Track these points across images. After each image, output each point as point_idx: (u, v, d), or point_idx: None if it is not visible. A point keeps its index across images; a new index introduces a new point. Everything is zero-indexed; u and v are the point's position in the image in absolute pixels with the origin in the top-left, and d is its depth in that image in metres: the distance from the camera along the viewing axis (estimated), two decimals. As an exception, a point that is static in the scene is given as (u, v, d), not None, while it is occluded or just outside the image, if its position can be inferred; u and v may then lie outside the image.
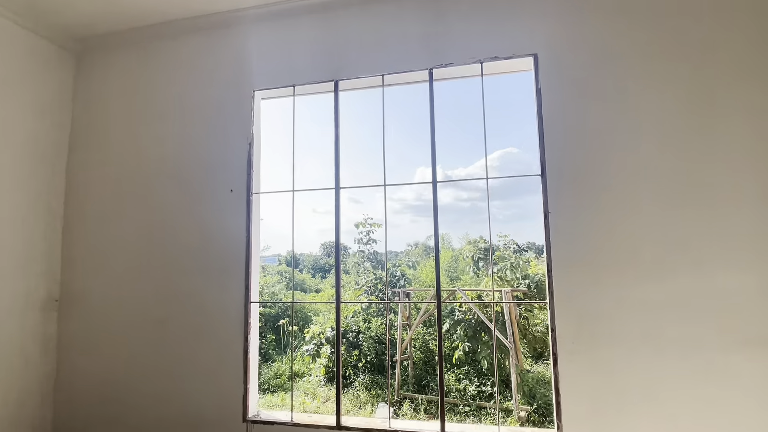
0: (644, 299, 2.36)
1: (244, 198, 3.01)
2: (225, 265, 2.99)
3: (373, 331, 7.83)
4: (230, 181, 3.06)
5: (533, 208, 40.01)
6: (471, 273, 7.66)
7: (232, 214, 3.02)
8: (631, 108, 2.49)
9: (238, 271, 2.96)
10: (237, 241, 2.99)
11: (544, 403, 6.26)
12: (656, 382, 2.30)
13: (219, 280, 2.99)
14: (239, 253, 2.98)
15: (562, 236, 2.50)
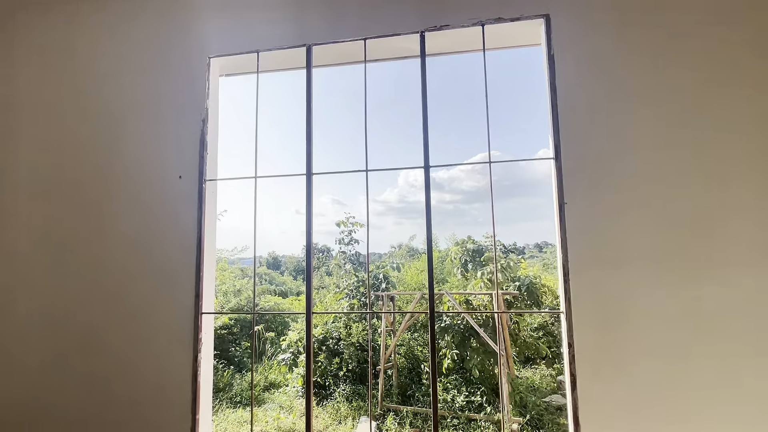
0: (683, 306, 1.95)
1: (196, 186, 2.47)
2: (170, 268, 2.45)
3: (355, 338, 7.32)
4: (179, 165, 2.52)
5: (514, 211, 39.98)
6: (459, 275, 7.26)
7: (181, 206, 2.48)
8: (661, 82, 2.08)
9: (186, 274, 2.42)
10: (186, 238, 2.45)
11: (536, 413, 5.88)
12: (698, 409, 1.89)
13: (162, 285, 2.44)
14: (189, 253, 2.44)
15: (581, 232, 2.07)
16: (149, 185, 2.53)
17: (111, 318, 2.48)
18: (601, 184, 2.07)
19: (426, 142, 2.27)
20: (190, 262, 2.43)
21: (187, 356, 2.36)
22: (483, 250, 6.98)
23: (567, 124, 2.14)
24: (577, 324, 2.03)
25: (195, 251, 2.43)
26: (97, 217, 2.57)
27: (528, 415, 5.79)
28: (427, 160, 2.26)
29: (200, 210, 2.45)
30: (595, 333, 2.00)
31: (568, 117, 2.14)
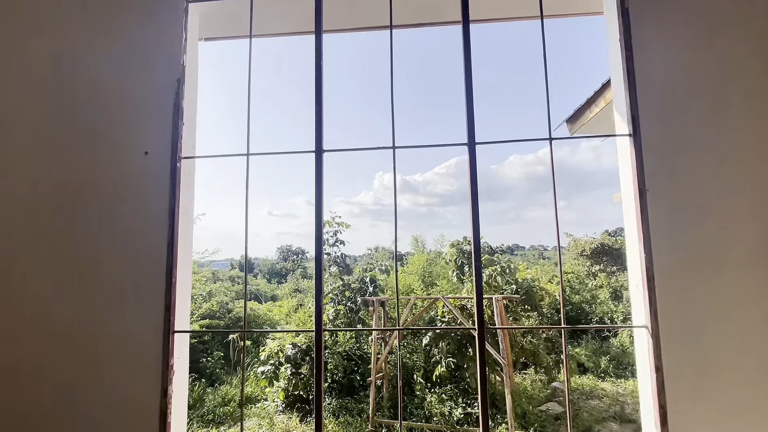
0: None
1: (167, 165, 1.89)
2: (132, 273, 1.85)
3: (342, 346, 6.76)
4: (145, 138, 1.93)
5: (484, 215, 41.36)
6: (454, 278, 6.86)
7: (148, 190, 1.90)
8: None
9: (154, 281, 1.84)
10: (153, 233, 1.87)
11: (539, 426, 5.54)
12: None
13: (122, 296, 1.85)
14: (157, 254, 1.85)
15: (669, 226, 1.66)
16: (105, 163, 1.93)
17: (49, 339, 1.86)
18: (695, 167, 1.67)
19: (471, 117, 1.80)
20: (158, 265, 1.84)
21: (153, 387, 1.77)
22: (480, 252, 6.61)
23: (646, 95, 1.73)
24: (667, 343, 1.60)
25: (166, 251, 1.85)
26: (30, 209, 1.94)
27: (531, 429, 5.43)
28: (473, 136, 1.79)
29: (173, 196, 1.87)
30: (690, 354, 1.59)
31: (647, 86, 1.73)
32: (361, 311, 7.64)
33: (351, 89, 77.79)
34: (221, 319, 10.26)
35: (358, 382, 6.59)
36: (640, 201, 1.68)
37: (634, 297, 1.77)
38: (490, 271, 6.03)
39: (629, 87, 1.74)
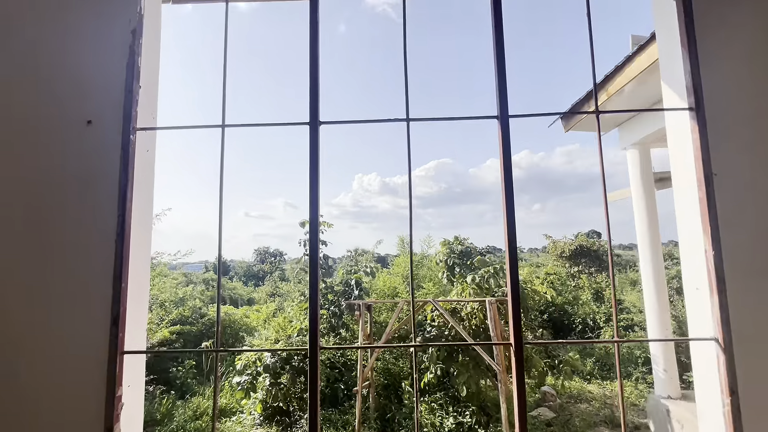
0: None
1: (117, 138, 1.48)
2: (70, 278, 1.42)
3: (324, 354, 6.33)
4: (88, 103, 1.51)
5: (464, 216, 41.94)
6: (444, 280, 6.56)
7: (91, 171, 1.47)
8: None
9: (97, 288, 1.41)
10: (98, 226, 1.44)
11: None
12: None
13: (54, 309, 1.41)
14: (102, 253, 1.43)
15: (743, 219, 1.38)
16: (33, 134, 1.49)
17: (-50, 365, 1.40)
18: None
19: (503, 88, 1.47)
20: (103, 267, 1.42)
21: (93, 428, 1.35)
22: (472, 253, 6.35)
23: (710, 60, 1.44)
24: (742, 359, 1.32)
25: (114, 248, 1.43)
26: (-70, 188, 1.47)
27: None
28: (505, 109, 1.46)
29: (124, 177, 1.45)
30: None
31: (709, 47, 1.45)
32: (345, 315, 7.23)
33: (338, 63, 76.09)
34: (194, 324, 9.62)
35: (343, 392, 6.19)
36: (707, 188, 1.39)
37: (693, 303, 1.48)
38: (483, 273, 5.78)
39: (690, 54, 1.45)
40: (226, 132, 1.54)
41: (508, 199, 1.41)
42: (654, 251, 4.68)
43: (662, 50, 1.64)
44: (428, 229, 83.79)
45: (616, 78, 4.00)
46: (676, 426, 4.23)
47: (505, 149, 1.44)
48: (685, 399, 4.42)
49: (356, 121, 1.55)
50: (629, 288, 13.70)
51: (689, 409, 4.16)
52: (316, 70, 1.51)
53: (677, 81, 1.53)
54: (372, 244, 15.57)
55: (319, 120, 1.48)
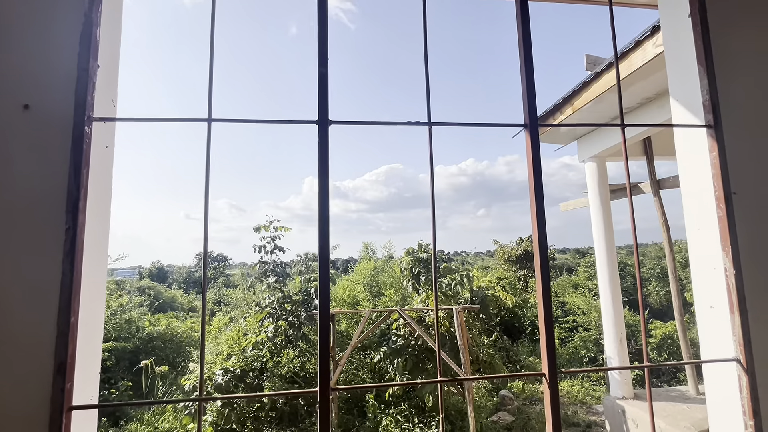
0: None
1: (68, 128, 1.15)
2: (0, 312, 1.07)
3: (285, 367, 5.93)
4: (29, 83, 1.16)
5: (413, 221, 43.81)
6: (409, 288, 6.46)
7: (29, 170, 1.13)
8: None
9: (38, 328, 1.08)
10: (37, 242, 1.11)
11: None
12: None
13: (-34, 352, 1.05)
14: (44, 278, 1.10)
15: (759, 237, 1.38)
16: (-61, 118, 1.11)
17: None
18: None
19: (532, 96, 1.36)
20: (45, 298, 1.09)
21: None
22: (439, 259, 6.30)
23: (727, 74, 1.45)
24: (764, 380, 1.31)
25: (60, 273, 1.10)
26: None
27: (492, 445, 5.20)
28: (534, 117, 1.35)
29: (75, 181, 1.13)
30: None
31: (726, 63, 1.45)
32: (305, 327, 6.87)
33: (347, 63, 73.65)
34: (128, 340, 8.62)
35: (303, 409, 5.83)
36: (726, 207, 1.38)
37: (707, 322, 1.47)
38: (449, 280, 5.76)
39: (707, 70, 1.44)
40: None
41: (539, 211, 1.29)
42: (610, 258, 4.94)
43: (672, 68, 1.64)
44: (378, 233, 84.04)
45: (582, 94, 4.16)
46: (631, 425, 4.47)
47: (535, 158, 1.33)
48: (639, 398, 4.69)
49: (369, 122, 1.36)
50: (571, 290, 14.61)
51: (643, 408, 4.41)
52: (325, 66, 1.29)
53: (689, 98, 1.53)
54: (332, 249, 15.12)
55: (329, 119, 1.27)
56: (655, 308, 15.03)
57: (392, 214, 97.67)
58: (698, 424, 3.92)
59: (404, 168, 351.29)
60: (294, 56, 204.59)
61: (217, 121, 1.24)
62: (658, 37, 2.95)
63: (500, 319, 10.86)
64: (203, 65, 8.02)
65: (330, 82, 1.30)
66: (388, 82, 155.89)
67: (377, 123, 1.37)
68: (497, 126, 1.40)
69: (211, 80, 1.26)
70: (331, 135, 1.26)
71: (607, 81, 3.70)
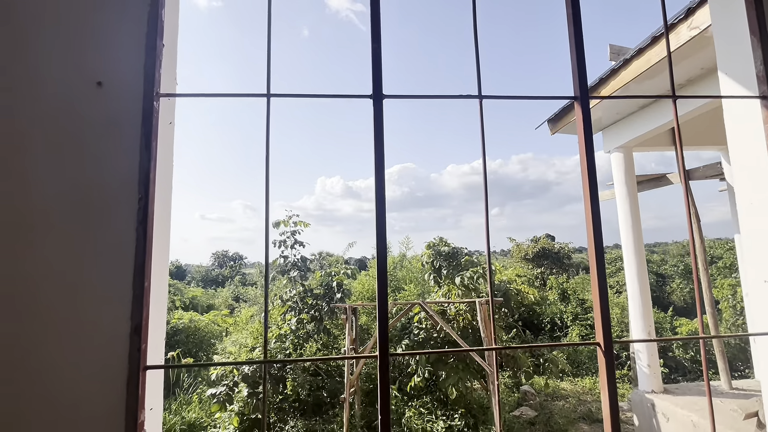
0: None
1: (137, 104, 1.21)
2: (80, 277, 1.14)
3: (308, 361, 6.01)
4: (98, 62, 1.22)
5: (423, 221, 43.65)
6: (431, 281, 6.46)
7: (102, 144, 1.19)
8: None
9: (114, 290, 1.14)
10: (114, 212, 1.17)
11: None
12: None
13: (60, 315, 1.12)
14: (120, 246, 1.16)
15: (819, 208, 1.36)
16: (30, 97, 1.18)
17: None
18: (844, 138, 1.38)
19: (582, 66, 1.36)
20: (121, 263, 1.15)
21: (107, 466, 1.07)
22: (458, 254, 6.30)
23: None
24: (825, 352, 1.28)
25: (134, 241, 1.16)
26: None
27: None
28: (585, 89, 1.35)
29: (146, 154, 1.19)
30: None
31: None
32: (326, 320, 6.94)
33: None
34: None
35: (326, 400, 5.90)
36: (783, 179, 1.36)
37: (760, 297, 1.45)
38: (471, 273, 5.75)
39: (761, 40, 1.42)
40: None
41: (592, 190, 1.29)
42: (637, 249, 4.85)
43: (720, 41, 1.62)
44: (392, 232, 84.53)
45: (609, 82, 4.10)
46: (662, 419, 4.38)
47: (587, 131, 1.33)
48: (669, 393, 4.60)
49: (421, 96, 1.38)
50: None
51: (675, 402, 4.32)
52: (378, 45, 1.32)
53: (740, 70, 1.51)
54: (335, 247, 15.27)
55: (383, 93, 1.30)
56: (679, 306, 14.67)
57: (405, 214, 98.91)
58: (731, 415, 3.82)
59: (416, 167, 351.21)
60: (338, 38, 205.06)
61: (276, 96, 1.28)
62: (692, 20, 2.90)
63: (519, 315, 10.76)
64: (247, 41, 7.92)
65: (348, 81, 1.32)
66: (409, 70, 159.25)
67: (430, 97, 1.39)
68: (546, 99, 1.41)
69: (269, 55, 1.30)
70: (348, 137, 1.29)
71: (636, 68, 3.64)
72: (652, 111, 4.51)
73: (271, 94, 1.28)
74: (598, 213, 1.30)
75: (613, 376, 1.26)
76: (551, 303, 12.64)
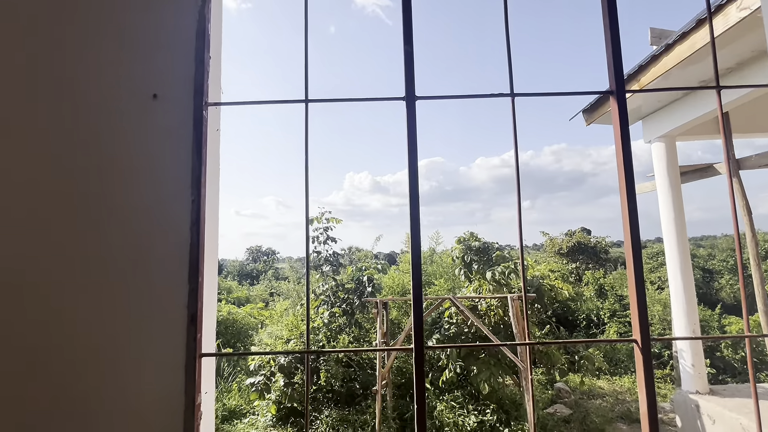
0: None
1: (188, 114, 1.31)
2: (139, 272, 1.26)
3: (340, 352, 6.17)
4: (154, 76, 1.34)
5: (451, 215, 43.13)
6: (461, 276, 6.45)
7: (159, 151, 1.30)
8: None
9: (172, 283, 1.25)
10: (169, 212, 1.28)
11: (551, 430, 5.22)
12: None
13: (123, 307, 1.25)
14: (175, 243, 1.27)
15: None
16: (96, 111, 1.31)
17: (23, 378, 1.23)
18: None
19: (618, 57, 1.34)
20: (177, 258, 1.26)
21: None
22: (489, 249, 6.24)
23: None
24: None
25: (188, 238, 1.27)
26: None
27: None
28: (621, 82, 1.33)
29: (197, 158, 1.29)
30: None
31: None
32: (357, 314, 7.09)
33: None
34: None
35: (358, 391, 6.05)
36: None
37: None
38: (502, 268, 5.68)
39: (817, 23, 1.34)
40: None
41: (629, 186, 1.28)
42: (681, 243, 4.63)
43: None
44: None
45: (649, 69, 3.91)
46: (707, 421, 4.19)
47: (623, 126, 1.31)
48: (716, 394, 4.38)
49: (453, 97, 1.41)
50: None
51: (722, 404, 4.11)
52: (410, 47, 1.36)
53: None
54: (364, 242, 15.44)
55: (415, 95, 1.34)
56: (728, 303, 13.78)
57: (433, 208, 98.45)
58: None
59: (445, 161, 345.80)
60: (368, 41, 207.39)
61: (314, 101, 1.35)
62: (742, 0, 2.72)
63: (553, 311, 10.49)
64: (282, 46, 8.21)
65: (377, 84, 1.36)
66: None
67: (462, 96, 1.41)
68: (580, 94, 1.39)
69: (307, 61, 1.37)
70: (377, 133, 1.33)
71: (679, 53, 3.46)
72: (698, 97, 4.27)
73: (309, 99, 1.35)
74: (635, 205, 1.28)
75: (651, 374, 1.24)
76: (587, 299, 12.24)
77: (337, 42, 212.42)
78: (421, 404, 1.24)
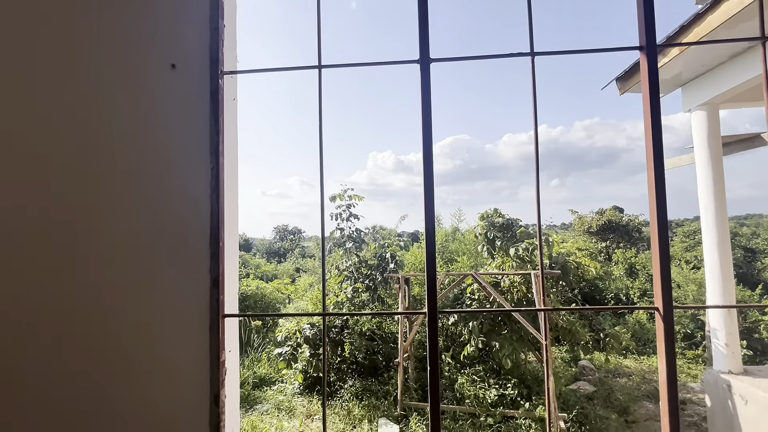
0: None
1: (205, 83, 1.33)
2: (162, 237, 1.32)
3: (364, 325, 6.34)
4: (171, 45, 1.36)
5: (477, 194, 42.15)
6: (484, 253, 6.40)
7: (178, 120, 1.34)
8: None
9: (193, 248, 1.31)
10: (189, 179, 1.32)
11: (580, 411, 5.22)
12: None
13: (149, 271, 1.32)
14: (195, 209, 1.32)
15: None
16: (116, 81, 1.36)
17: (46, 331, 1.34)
18: None
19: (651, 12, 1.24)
20: (198, 224, 1.31)
21: (199, 395, 1.28)
22: (513, 225, 6.13)
23: None
24: None
25: (209, 204, 1.31)
26: (13, 149, 1.38)
27: (573, 411, 5.11)
28: (652, 37, 1.24)
29: (215, 126, 1.32)
30: None
31: None
32: (380, 290, 7.20)
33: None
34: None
35: (381, 363, 6.22)
36: None
37: None
38: (526, 245, 5.58)
39: None
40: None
41: (656, 150, 1.21)
42: (720, 221, 4.37)
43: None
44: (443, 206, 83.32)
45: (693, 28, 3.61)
46: (739, 401, 4.06)
47: (653, 86, 1.23)
48: (750, 375, 4.22)
49: (470, 58, 1.36)
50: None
51: (755, 384, 3.96)
52: (425, 6, 1.31)
53: None
54: (388, 221, 15.46)
55: (430, 57, 1.30)
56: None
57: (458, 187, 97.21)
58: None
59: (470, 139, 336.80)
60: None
61: (327, 67, 1.34)
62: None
63: (579, 290, 10.27)
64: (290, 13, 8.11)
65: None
66: None
67: (479, 57, 1.36)
68: (605, 51, 1.30)
69: (319, 28, 1.35)
70: (399, 110, 1.29)
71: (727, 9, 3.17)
72: (747, 59, 3.91)
73: (322, 65, 1.34)
74: (662, 168, 1.22)
75: (672, 343, 1.21)
76: (616, 278, 11.90)
77: (359, 18, 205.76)
78: (434, 366, 1.26)
